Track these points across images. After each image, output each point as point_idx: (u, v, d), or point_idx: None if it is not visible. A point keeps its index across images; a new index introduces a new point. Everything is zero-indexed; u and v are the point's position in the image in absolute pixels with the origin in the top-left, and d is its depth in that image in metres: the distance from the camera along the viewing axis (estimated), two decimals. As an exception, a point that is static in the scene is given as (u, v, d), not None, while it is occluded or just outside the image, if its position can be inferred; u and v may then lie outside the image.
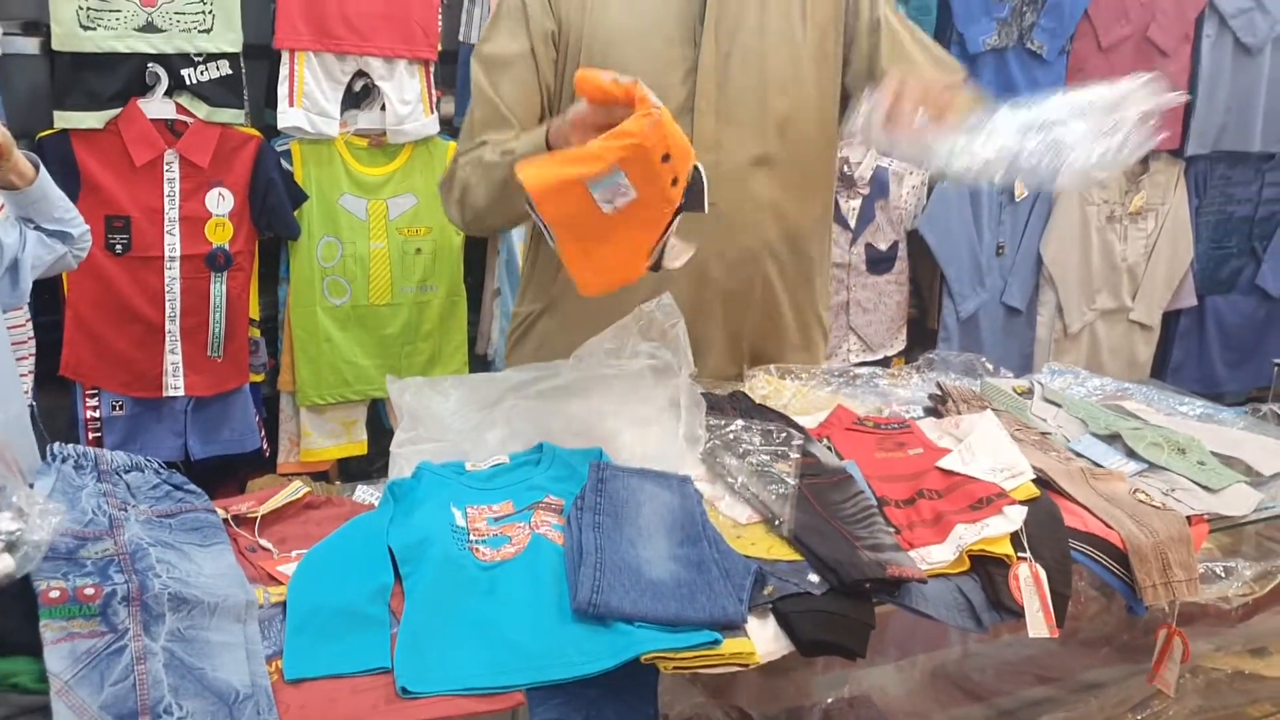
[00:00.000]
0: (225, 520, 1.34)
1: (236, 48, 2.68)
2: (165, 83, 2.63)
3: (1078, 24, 3.42)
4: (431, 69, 2.90)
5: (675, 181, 1.39)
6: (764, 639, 1.22)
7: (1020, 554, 1.38)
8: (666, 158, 1.34)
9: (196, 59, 2.65)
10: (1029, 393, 1.87)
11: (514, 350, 2.00)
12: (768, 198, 1.82)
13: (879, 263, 3.42)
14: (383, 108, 2.87)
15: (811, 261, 1.94)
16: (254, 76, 2.78)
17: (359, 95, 2.89)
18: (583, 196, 1.33)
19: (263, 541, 1.34)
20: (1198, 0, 3.56)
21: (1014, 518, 1.42)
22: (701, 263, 1.78)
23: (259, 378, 2.92)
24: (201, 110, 2.68)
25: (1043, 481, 1.54)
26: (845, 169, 3.28)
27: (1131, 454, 1.69)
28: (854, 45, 1.88)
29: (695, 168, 1.41)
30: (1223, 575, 1.79)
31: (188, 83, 2.64)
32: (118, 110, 2.60)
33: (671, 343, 1.66)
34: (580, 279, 1.44)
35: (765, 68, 1.79)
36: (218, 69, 2.67)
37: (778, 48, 1.80)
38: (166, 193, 2.67)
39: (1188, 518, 1.53)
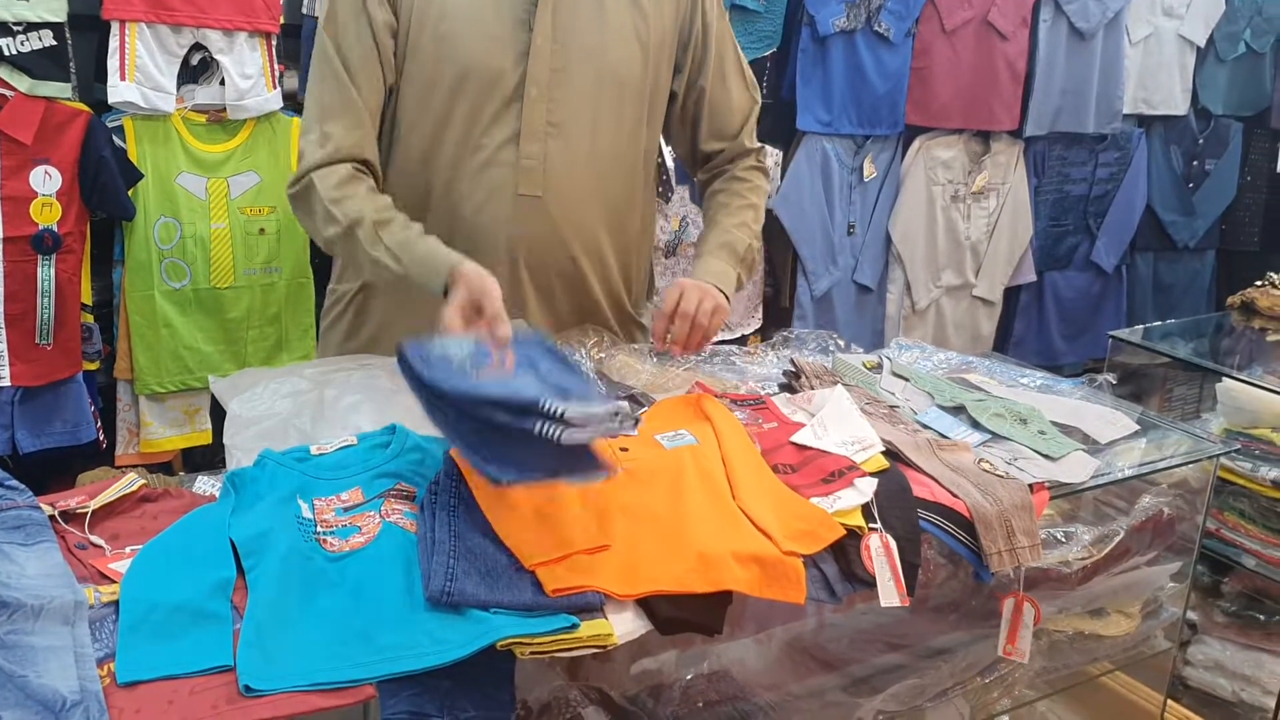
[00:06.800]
0: (52, 517, 1.27)
1: (60, 17, 2.53)
2: (-19, 54, 2.47)
3: (923, 8, 3.49)
4: (274, 42, 2.79)
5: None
6: (622, 620, 1.21)
7: (871, 525, 1.41)
8: None
9: (15, 28, 2.49)
10: (878, 368, 1.91)
11: (328, 332, 1.94)
12: (593, 191, 1.80)
13: (734, 242, 3.45)
14: (222, 82, 2.75)
15: (630, 260, 1.94)
16: (82, 48, 2.63)
17: (197, 69, 2.76)
18: None
19: (94, 538, 1.27)
20: (1035, -15, 3.68)
21: (865, 490, 1.45)
22: (517, 251, 1.77)
23: (94, 366, 2.78)
24: (23, 83, 2.52)
25: (892, 453, 1.57)
26: (699, 148, 3.28)
27: (976, 425, 1.73)
28: (687, 49, 1.89)
29: None
30: (1063, 540, 1.87)
31: (6, 53, 2.49)
32: (-72, 82, 2.44)
33: None
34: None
35: (604, 57, 1.76)
36: (40, 39, 2.52)
37: (619, 36, 1.77)
38: (-14, 171, 2.52)
39: (1030, 486, 1.57)
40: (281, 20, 2.80)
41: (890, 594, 1.38)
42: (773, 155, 3.45)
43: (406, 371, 1.34)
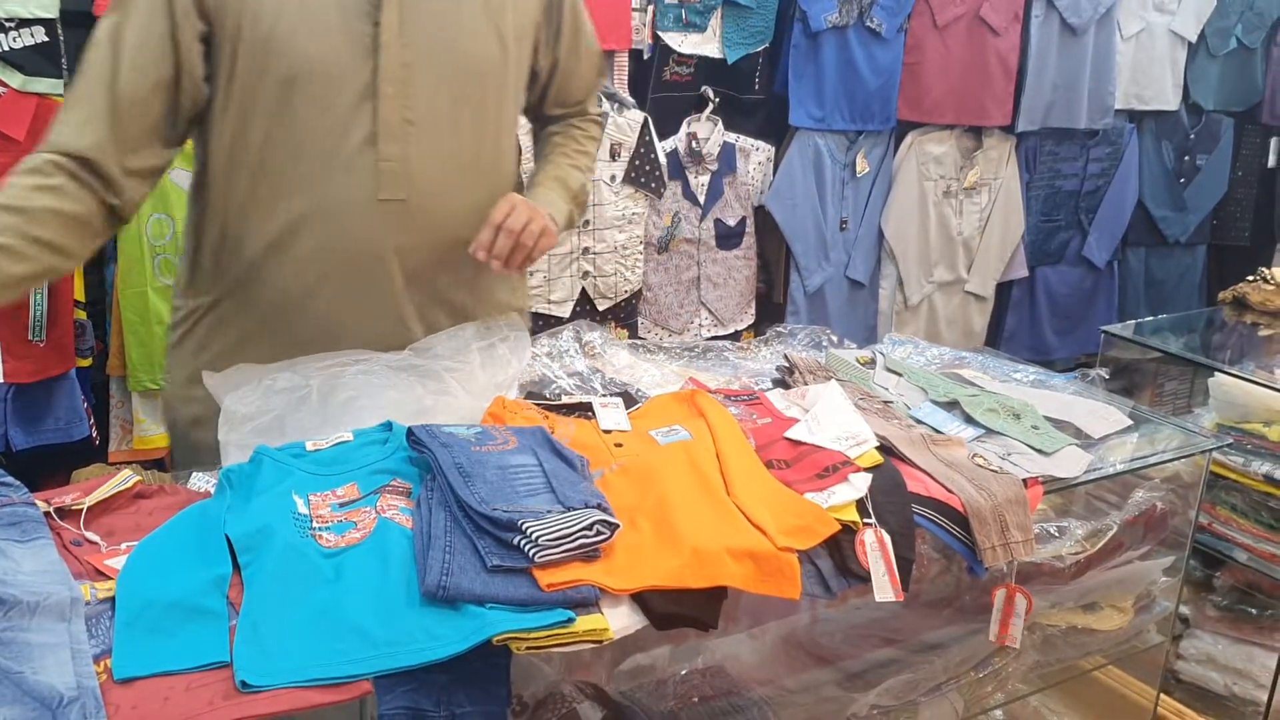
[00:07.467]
0: (47, 514, 1.27)
1: (52, 13, 2.52)
2: (-27, 50, 2.46)
3: (915, 3, 3.50)
4: (266, 39, 2.79)
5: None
6: (617, 615, 1.21)
7: (866, 520, 1.41)
8: None
9: (8, 25, 2.48)
10: (871, 363, 1.91)
11: (177, 348, 1.80)
12: (460, 188, 1.72)
13: (728, 238, 3.45)
14: (214, 79, 2.75)
15: None
16: (74, 44, 2.62)
17: (189, 65, 2.76)
18: None
19: (89, 534, 1.27)
20: (1027, -19, 3.69)
21: (859, 485, 1.45)
22: (388, 259, 1.68)
23: (86, 362, 2.77)
24: (15, 80, 2.51)
25: (886, 448, 1.57)
26: (693, 145, 3.29)
27: (969, 420, 1.74)
28: (550, 22, 1.83)
29: None
30: (1056, 535, 1.87)
31: (-1, 50, 2.49)
32: (-81, 78, 2.43)
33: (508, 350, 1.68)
34: None
35: (458, 48, 1.67)
36: (32, 35, 2.51)
37: (473, 25, 1.69)
38: (-22, 167, 2.51)
39: (1024, 480, 1.58)
40: (274, 16, 2.79)
41: (885, 589, 1.38)
42: (765, 151, 3.46)
43: (415, 446, 1.36)
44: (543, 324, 3.02)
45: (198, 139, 1.71)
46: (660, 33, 3.16)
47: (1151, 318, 3.30)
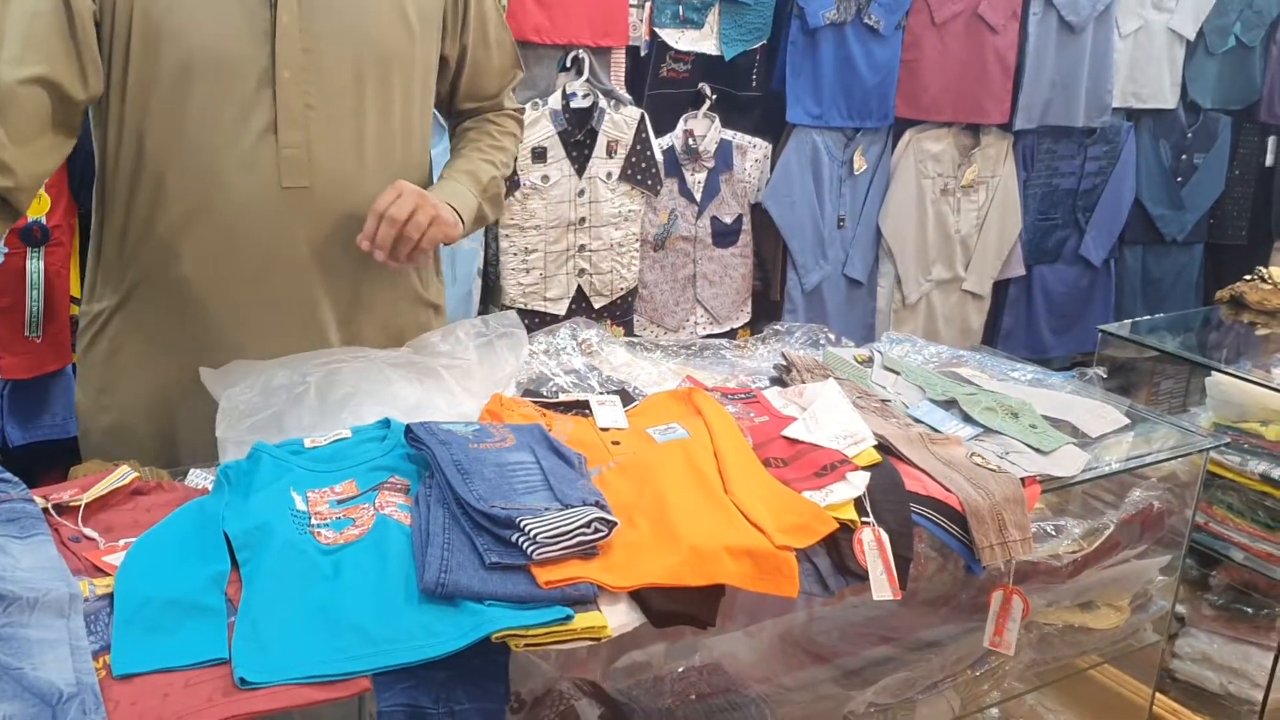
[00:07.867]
0: (45, 510, 1.27)
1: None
2: (-30, 45, 2.45)
3: (913, 0, 3.50)
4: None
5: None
6: (615, 612, 1.21)
7: (864, 518, 1.41)
8: None
9: (5, 20, 2.48)
10: (869, 361, 1.91)
11: (88, 353, 1.76)
12: (365, 176, 1.69)
13: (724, 235, 3.45)
14: (212, 74, 2.74)
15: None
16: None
17: (186, 61, 2.75)
18: None
19: (87, 531, 1.27)
20: (1025, -22, 3.69)
21: (857, 483, 1.45)
22: (298, 250, 1.67)
23: (83, 358, 2.78)
24: (12, 75, 2.51)
25: (884, 447, 1.57)
26: (690, 142, 3.29)
27: (967, 419, 1.74)
28: (457, 5, 1.81)
29: None
30: (1053, 533, 1.88)
31: (-4, 45, 2.48)
32: (-83, 74, 2.42)
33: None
34: None
35: (362, 33, 1.64)
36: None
37: (378, 11, 1.66)
38: (-25, 163, 2.50)
39: (1021, 479, 1.58)
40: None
41: (882, 587, 1.39)
42: (762, 148, 3.46)
43: (414, 443, 1.36)
44: (539, 321, 3.02)
45: (96, 133, 1.67)
46: (657, 29, 3.16)
47: (1148, 316, 3.31)
